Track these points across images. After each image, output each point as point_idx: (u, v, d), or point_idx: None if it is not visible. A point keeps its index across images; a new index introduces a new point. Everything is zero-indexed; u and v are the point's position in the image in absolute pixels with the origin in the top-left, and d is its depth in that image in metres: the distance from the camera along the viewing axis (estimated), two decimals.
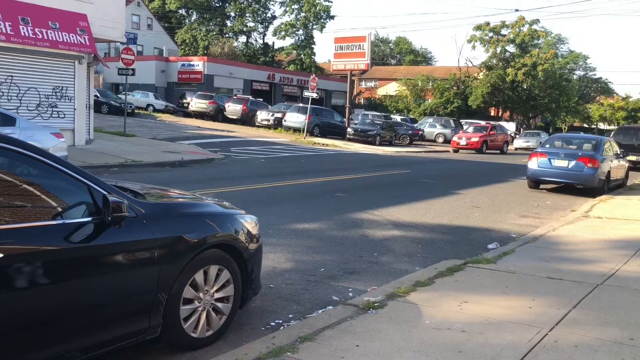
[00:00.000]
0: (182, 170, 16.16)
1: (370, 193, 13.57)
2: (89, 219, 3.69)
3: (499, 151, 34.85)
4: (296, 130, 32.51)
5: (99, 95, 33.04)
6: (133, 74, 23.02)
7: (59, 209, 3.66)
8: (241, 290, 4.69)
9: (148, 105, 40.85)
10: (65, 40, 16.93)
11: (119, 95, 37.03)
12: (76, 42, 17.15)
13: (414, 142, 37.94)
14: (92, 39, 17.67)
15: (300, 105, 35.60)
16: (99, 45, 21.56)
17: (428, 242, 8.68)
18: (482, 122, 41.31)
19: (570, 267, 7.06)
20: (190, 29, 67.72)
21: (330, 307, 5.36)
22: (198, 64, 47.35)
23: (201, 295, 4.32)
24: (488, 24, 56.31)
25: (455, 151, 33.11)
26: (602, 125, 78.97)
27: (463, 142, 33.24)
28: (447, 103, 56.43)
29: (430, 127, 42.91)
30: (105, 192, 3.70)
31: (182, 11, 71.40)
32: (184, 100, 40.79)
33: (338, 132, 33.88)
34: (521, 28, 55.28)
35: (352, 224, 9.60)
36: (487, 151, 33.31)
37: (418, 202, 12.45)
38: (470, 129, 36.20)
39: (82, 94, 18.56)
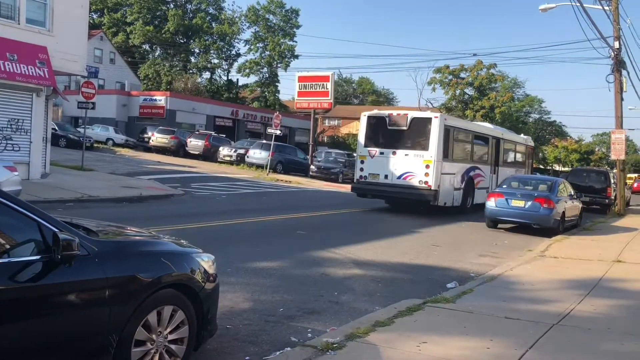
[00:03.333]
0: (140, 205, 15.83)
1: (332, 231, 13.55)
2: (38, 257, 3.56)
3: None
4: (259, 166, 32.47)
5: (57, 128, 32.40)
6: (93, 108, 22.70)
7: (6, 247, 3.53)
8: (196, 332, 4.56)
9: (107, 139, 40.24)
10: (23, 72, 16.61)
11: (78, 129, 36.39)
12: (34, 74, 16.84)
13: None
14: (52, 71, 17.40)
15: (264, 141, 35.72)
16: (59, 78, 21.24)
17: (388, 281, 8.67)
18: None
19: (527, 306, 7.14)
20: (153, 64, 67.56)
21: (289, 349, 5.25)
22: (160, 98, 47.10)
23: (154, 336, 4.17)
24: (448, 67, 58.15)
25: None
26: (556, 167, 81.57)
27: None
28: None
29: None
30: (55, 230, 3.58)
31: (146, 46, 71.31)
32: (145, 135, 40.34)
33: (301, 169, 33.99)
34: (479, 72, 57.23)
35: (313, 263, 9.53)
36: None
37: (379, 240, 12.48)
38: None
39: (39, 127, 18.14)
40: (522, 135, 26.69)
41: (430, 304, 6.90)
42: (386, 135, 17.87)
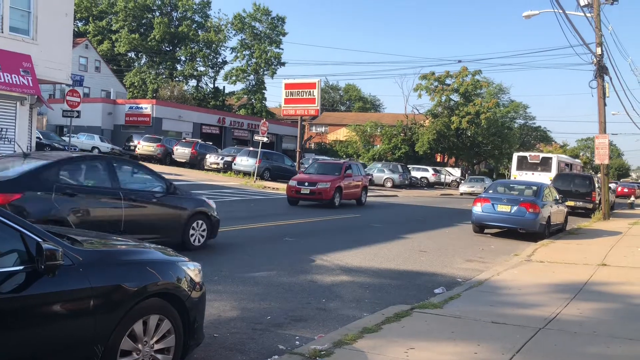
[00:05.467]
0: None
1: (319, 237, 13.54)
2: (21, 267, 3.53)
3: (354, 201, 23.79)
4: (246, 174, 32.37)
5: (41, 137, 32.12)
6: (78, 116, 22.54)
7: None
8: (183, 341, 4.52)
9: (93, 147, 39.90)
10: (6, 81, 16.46)
11: (63, 138, 36.11)
12: (19, 83, 16.71)
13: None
14: (36, 80, 17.27)
15: (251, 149, 35.65)
16: (43, 86, 21.07)
17: (376, 287, 8.67)
18: (338, 160, 33.75)
19: (514, 311, 7.18)
20: (139, 72, 67.31)
21: (276, 357, 5.22)
22: (146, 106, 46.90)
23: (140, 346, 4.13)
24: (433, 73, 58.45)
25: (293, 202, 21.56)
26: None
27: (305, 189, 21.13)
28: (395, 149, 57.70)
29: (379, 172, 43.62)
30: (38, 239, 3.55)
31: (132, 54, 71.06)
32: (131, 143, 40.12)
33: (289, 176, 33.69)
34: (464, 78, 57.59)
35: (301, 270, 9.51)
36: (341, 202, 22.13)
37: (367, 246, 12.49)
38: (315, 169, 24.26)
39: (23, 136, 17.98)
40: (577, 159, 40.88)
41: (417, 310, 6.92)
42: (527, 164, 32.04)
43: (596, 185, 26.54)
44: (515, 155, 33.90)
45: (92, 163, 9.44)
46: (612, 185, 40.49)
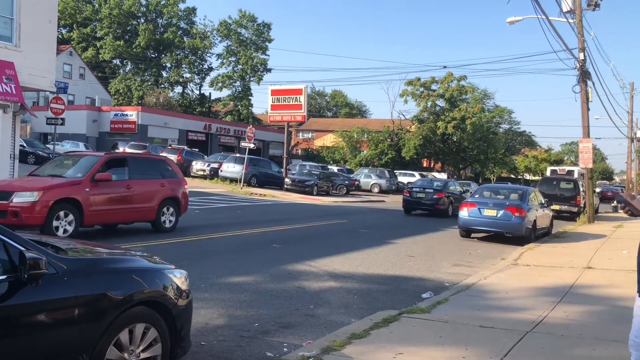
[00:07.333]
0: None
1: (307, 244, 13.51)
2: (3, 277, 3.47)
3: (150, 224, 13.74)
4: (233, 180, 32.26)
5: (25, 145, 31.81)
6: (62, 124, 22.35)
7: None
8: (169, 350, 4.48)
9: None
10: None
11: (47, 145, 35.77)
12: (1, 90, 16.52)
13: (351, 192, 38.46)
14: (19, 87, 17.08)
15: (237, 155, 35.58)
16: (27, 94, 20.88)
17: (364, 293, 8.66)
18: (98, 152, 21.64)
19: (501, 315, 7.21)
20: (124, 78, 66.96)
21: None
22: (132, 113, 46.66)
23: (126, 355, 4.08)
24: (419, 79, 58.76)
25: None
26: (527, 176, 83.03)
27: None
28: (381, 154, 57.90)
29: (366, 178, 43.75)
30: (22, 248, 3.50)
31: (117, 61, 70.69)
32: (116, 151, 39.88)
33: (276, 182, 33.87)
34: (450, 84, 57.97)
35: (289, 276, 9.48)
36: (105, 225, 13.17)
37: (354, 252, 12.49)
38: (51, 168, 12.87)
39: (6, 144, 17.77)
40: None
41: (405, 315, 6.92)
42: (555, 174, 36.71)
43: (581, 189, 26.80)
44: (548, 169, 42.10)
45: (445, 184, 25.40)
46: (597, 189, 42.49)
